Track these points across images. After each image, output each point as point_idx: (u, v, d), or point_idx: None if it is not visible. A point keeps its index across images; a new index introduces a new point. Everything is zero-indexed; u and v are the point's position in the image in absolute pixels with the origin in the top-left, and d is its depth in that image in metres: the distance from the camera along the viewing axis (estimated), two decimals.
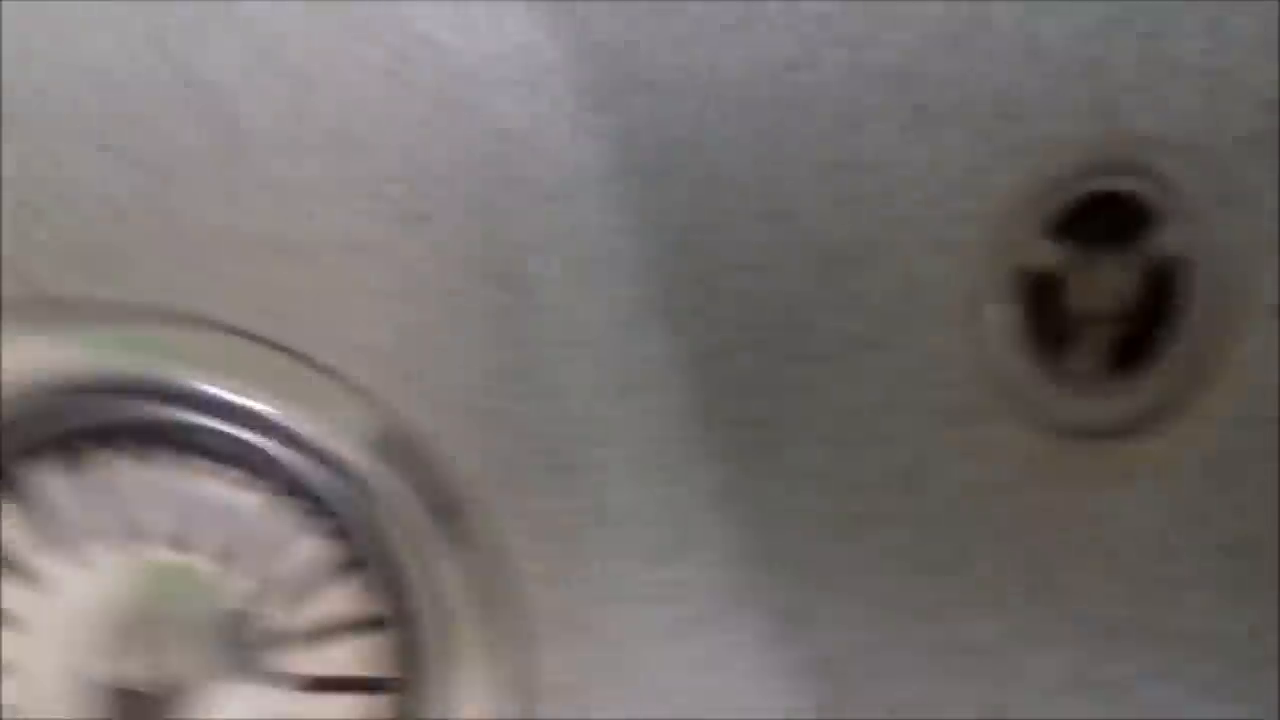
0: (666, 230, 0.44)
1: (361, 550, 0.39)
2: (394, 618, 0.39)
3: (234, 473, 0.39)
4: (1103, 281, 0.26)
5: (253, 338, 0.39)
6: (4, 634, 0.36)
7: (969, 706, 0.31)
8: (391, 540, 0.39)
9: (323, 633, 0.39)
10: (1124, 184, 0.26)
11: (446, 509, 0.40)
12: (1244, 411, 0.24)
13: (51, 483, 0.37)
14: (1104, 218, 0.26)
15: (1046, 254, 0.27)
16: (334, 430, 0.39)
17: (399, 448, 0.40)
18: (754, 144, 0.39)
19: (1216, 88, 0.24)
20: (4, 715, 0.36)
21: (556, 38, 0.49)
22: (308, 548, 0.39)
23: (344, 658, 0.39)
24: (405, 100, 0.48)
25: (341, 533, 0.40)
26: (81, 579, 0.37)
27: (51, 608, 0.37)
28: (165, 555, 0.37)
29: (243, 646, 0.38)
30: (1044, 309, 0.28)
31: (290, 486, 0.39)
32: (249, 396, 0.39)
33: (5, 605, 0.36)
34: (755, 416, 0.38)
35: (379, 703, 0.38)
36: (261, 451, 0.39)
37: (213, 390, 0.39)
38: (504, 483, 0.41)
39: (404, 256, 0.44)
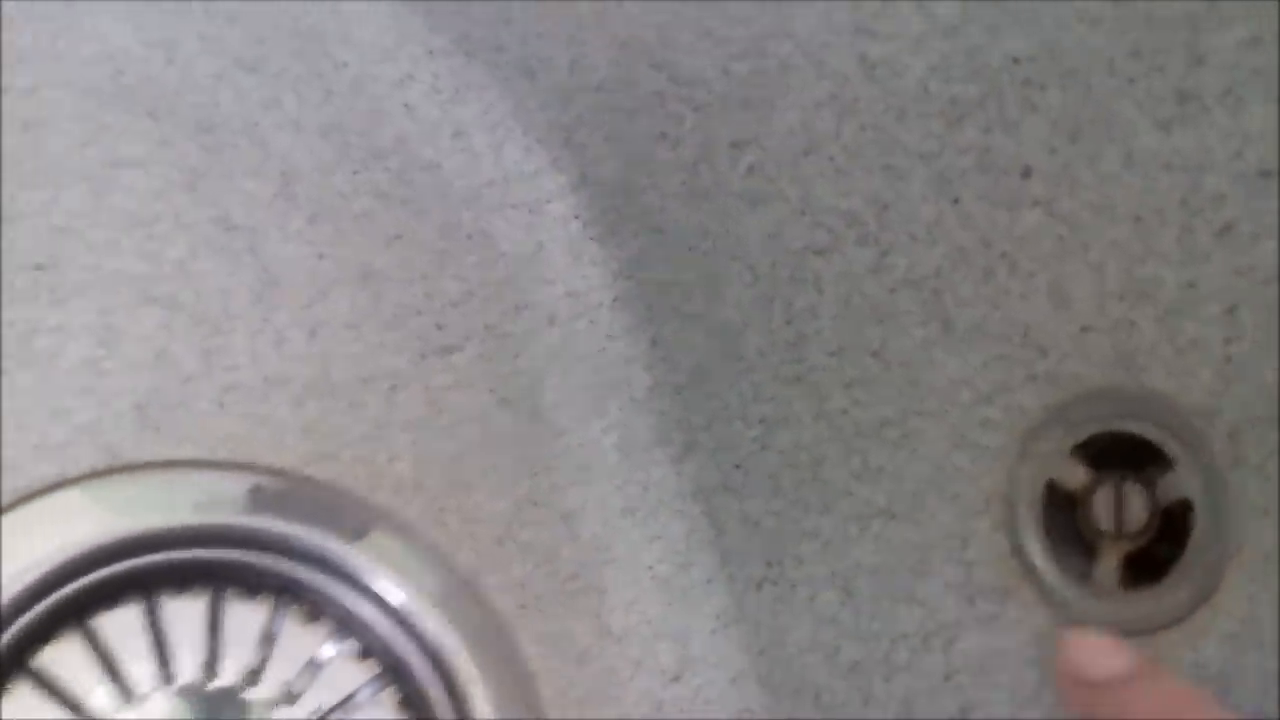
0: (676, 366, 0.47)
1: (394, 670, 0.41)
2: None
3: (277, 604, 0.40)
4: (1121, 505, 0.31)
5: (303, 480, 0.41)
6: None
7: None
8: (423, 662, 0.42)
9: None
10: (1142, 429, 0.31)
11: (473, 631, 0.43)
12: (1234, 631, 0.29)
13: (122, 623, 0.38)
14: (1127, 448, 0.31)
15: (1071, 472, 0.32)
16: (377, 565, 0.41)
17: (438, 582, 0.42)
18: (770, 311, 0.42)
19: (1229, 370, 0.29)
20: None
21: (557, 168, 0.51)
22: (347, 672, 0.41)
23: None
24: (416, 228, 0.49)
25: (373, 653, 0.42)
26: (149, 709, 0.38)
27: None
28: (217, 682, 0.39)
29: None
30: (1068, 515, 0.32)
31: (331, 613, 0.41)
32: (299, 534, 0.40)
33: None
34: (764, 554, 0.42)
35: None
36: (310, 586, 0.40)
37: (265, 529, 0.40)
38: (525, 607, 0.44)
39: (432, 387, 0.46)
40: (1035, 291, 0.33)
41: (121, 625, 0.37)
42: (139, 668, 0.36)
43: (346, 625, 0.40)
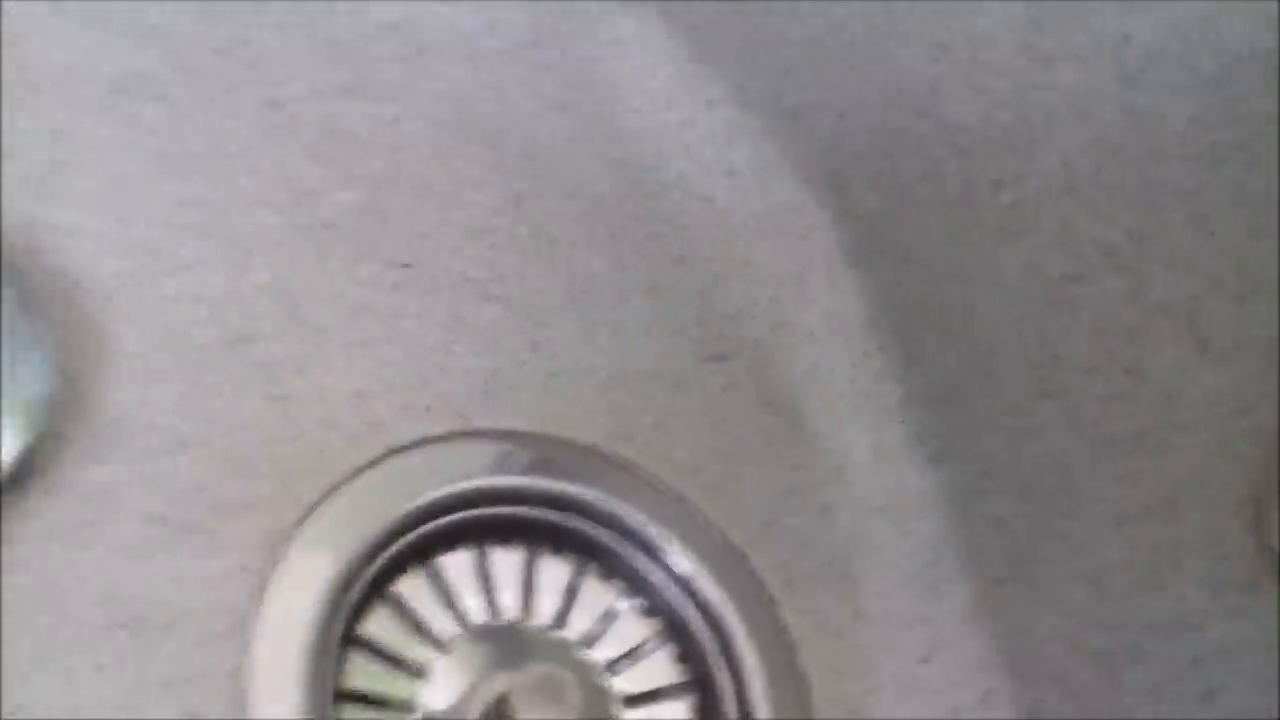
0: (929, 381, 0.52)
1: (675, 629, 0.47)
2: (701, 686, 0.46)
3: (584, 565, 0.46)
4: None
5: (605, 455, 0.47)
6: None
7: None
8: (701, 624, 0.47)
9: (644, 696, 0.46)
10: None
11: (744, 600, 0.48)
12: None
13: (458, 565, 0.45)
14: None
15: None
16: (666, 534, 0.47)
17: (716, 554, 0.47)
18: (1027, 336, 0.46)
19: None
20: None
21: (820, 204, 0.57)
22: (635, 626, 0.47)
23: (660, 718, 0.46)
24: (695, 251, 0.56)
25: (657, 612, 0.47)
26: (471, 649, 0.44)
27: (448, 664, 0.44)
28: (533, 632, 0.45)
29: (589, 708, 0.45)
30: None
31: (623, 573, 0.47)
32: (601, 500, 0.47)
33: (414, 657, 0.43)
34: (1012, 553, 0.46)
35: None
36: (608, 548, 0.47)
37: (574, 494, 0.46)
38: (789, 584, 0.49)
39: (708, 388, 0.52)
40: None
41: (457, 566, 0.43)
42: (471, 602, 0.43)
43: (636, 585, 0.46)
